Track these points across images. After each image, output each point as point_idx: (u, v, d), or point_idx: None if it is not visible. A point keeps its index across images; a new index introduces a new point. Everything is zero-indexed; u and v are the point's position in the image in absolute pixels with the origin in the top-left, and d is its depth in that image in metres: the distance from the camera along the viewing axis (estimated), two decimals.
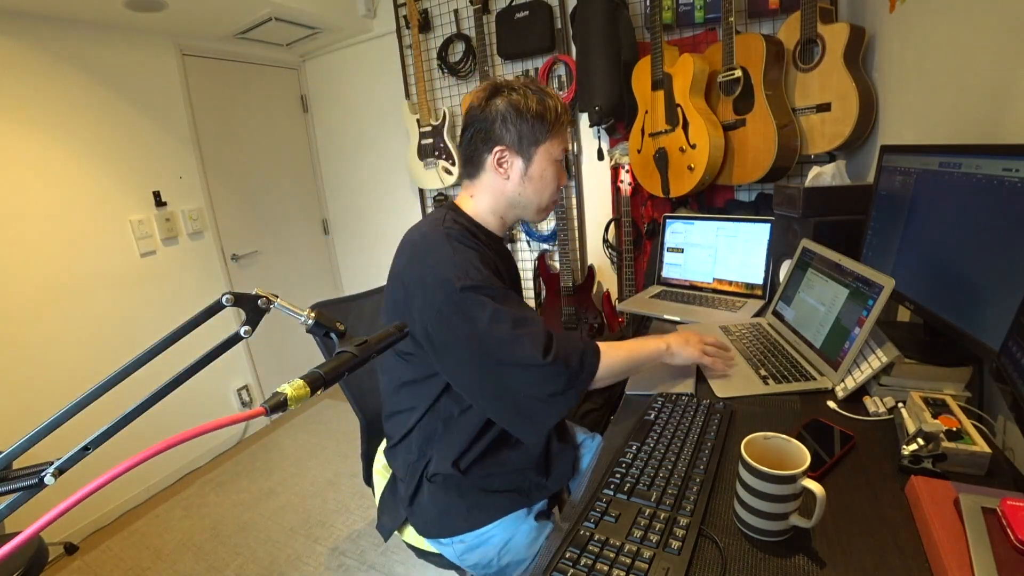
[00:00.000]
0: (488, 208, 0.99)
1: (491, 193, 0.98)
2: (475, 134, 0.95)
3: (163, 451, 0.37)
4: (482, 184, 0.98)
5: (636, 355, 0.95)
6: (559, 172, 0.99)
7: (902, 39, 1.28)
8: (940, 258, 0.87)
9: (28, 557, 1.30)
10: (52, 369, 1.89)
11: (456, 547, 0.97)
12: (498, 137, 0.93)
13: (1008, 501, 0.55)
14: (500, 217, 1.01)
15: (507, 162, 0.94)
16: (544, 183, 0.97)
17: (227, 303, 0.51)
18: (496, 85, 0.94)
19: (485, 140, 0.94)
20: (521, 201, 0.98)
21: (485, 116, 0.93)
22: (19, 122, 1.80)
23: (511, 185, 0.96)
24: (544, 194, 0.98)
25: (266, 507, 2.06)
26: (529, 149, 0.94)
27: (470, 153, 0.97)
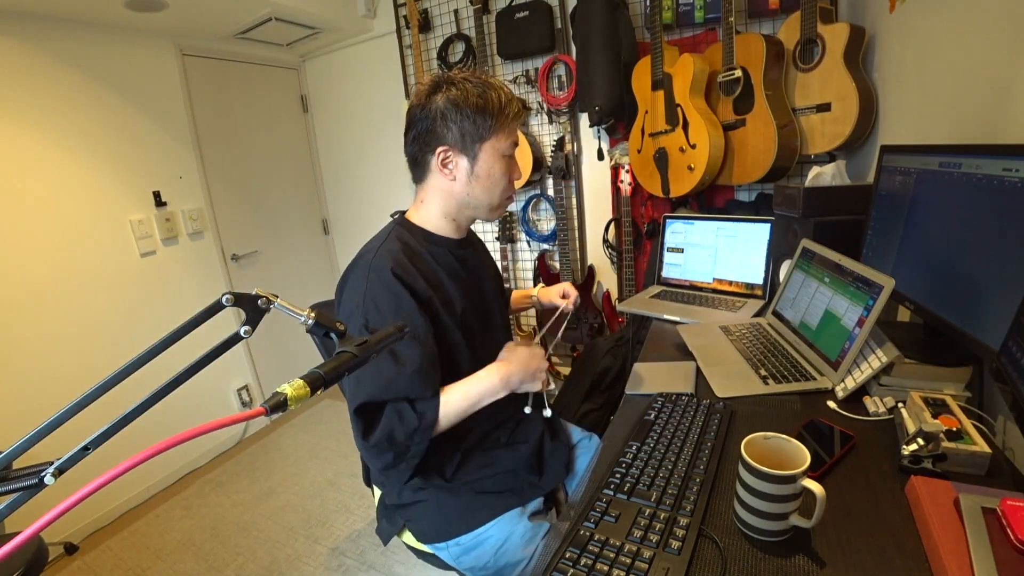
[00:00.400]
0: (440, 212, 0.97)
1: (440, 196, 0.95)
2: (417, 135, 0.91)
3: (163, 451, 0.37)
4: (430, 187, 0.95)
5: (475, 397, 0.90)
6: (509, 167, 0.94)
7: (902, 39, 1.28)
8: (940, 258, 0.87)
9: (28, 557, 1.30)
10: (52, 369, 1.89)
11: (452, 550, 0.97)
12: (440, 136, 0.89)
13: (1008, 501, 0.55)
14: (453, 219, 0.98)
15: (451, 162, 0.91)
16: (492, 181, 0.93)
17: (227, 303, 0.51)
18: (436, 80, 0.90)
19: (427, 141, 0.90)
20: (471, 202, 0.95)
21: (425, 115, 0.89)
22: (19, 122, 1.80)
23: (458, 186, 0.92)
24: (494, 192, 0.94)
25: (266, 507, 2.06)
26: (473, 147, 0.89)
27: (414, 155, 0.94)
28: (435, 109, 0.88)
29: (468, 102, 0.87)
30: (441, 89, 0.88)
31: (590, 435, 1.19)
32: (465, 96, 0.87)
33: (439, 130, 0.88)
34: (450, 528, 0.96)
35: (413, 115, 0.91)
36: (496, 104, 0.88)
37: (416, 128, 0.91)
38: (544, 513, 1.02)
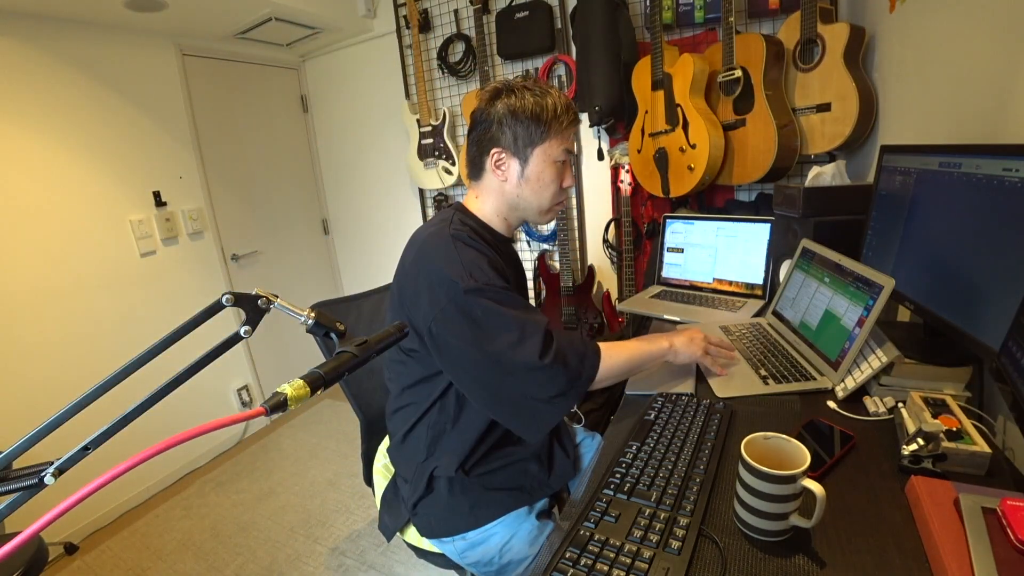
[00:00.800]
0: (492, 210, 1.00)
1: (493, 195, 0.99)
2: (477, 137, 0.96)
3: (163, 451, 0.37)
4: (484, 186, 0.99)
5: (638, 356, 0.95)
6: (560, 173, 0.97)
7: (902, 39, 1.28)
8: (940, 258, 0.87)
9: (28, 557, 1.30)
10: (52, 369, 1.89)
11: (457, 544, 0.97)
12: (495, 139, 0.94)
13: (1008, 501, 0.55)
14: (504, 219, 1.01)
15: (504, 164, 0.95)
16: (542, 184, 0.96)
17: (227, 303, 0.51)
18: (498, 87, 0.95)
19: (485, 142, 0.95)
20: (520, 203, 0.98)
21: (486, 118, 0.94)
22: (19, 122, 1.80)
23: (509, 187, 0.97)
24: (544, 196, 0.98)
25: (266, 507, 2.06)
26: (525, 150, 0.94)
27: (473, 155, 0.99)
28: (494, 114, 0.93)
29: (524, 108, 0.91)
30: (501, 96, 0.93)
31: (592, 434, 1.19)
32: (522, 103, 0.91)
33: (496, 133, 0.94)
34: (457, 523, 0.96)
35: (475, 118, 0.97)
36: (551, 111, 0.92)
37: (477, 130, 0.96)
38: (550, 512, 1.03)
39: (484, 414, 0.95)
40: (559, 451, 1.07)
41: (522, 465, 1.01)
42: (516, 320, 0.85)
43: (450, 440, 0.97)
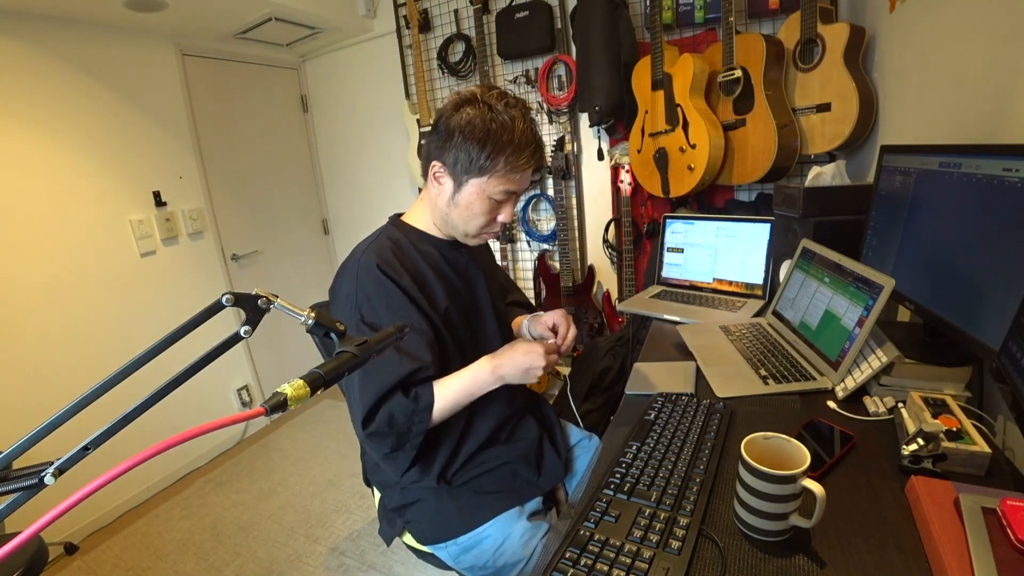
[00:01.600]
0: (430, 217, 1.00)
1: (428, 200, 0.98)
2: (429, 141, 0.93)
3: (163, 451, 0.37)
4: (426, 192, 0.99)
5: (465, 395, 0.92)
6: (494, 208, 0.92)
7: (902, 39, 1.28)
8: (940, 258, 0.87)
9: (28, 557, 1.30)
10: (52, 369, 1.89)
11: (451, 549, 0.97)
12: (438, 152, 0.90)
13: (1008, 501, 0.55)
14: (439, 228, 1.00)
15: (441, 179, 0.93)
16: (471, 214, 0.92)
17: (227, 303, 0.51)
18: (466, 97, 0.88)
19: (431, 150, 0.92)
20: (449, 220, 0.96)
21: (442, 126, 0.89)
22: (19, 122, 1.80)
23: (440, 203, 0.95)
24: (471, 224, 0.93)
25: (266, 507, 2.06)
26: (460, 176, 0.89)
27: (422, 159, 0.98)
28: (446, 125, 0.88)
29: (474, 134, 0.85)
30: (461, 109, 0.87)
31: (590, 435, 1.19)
32: (474, 129, 0.85)
33: (444, 146, 0.89)
34: (449, 528, 0.96)
35: (436, 121, 0.92)
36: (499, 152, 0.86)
37: (432, 134, 0.92)
38: (544, 513, 1.02)
39: (458, 423, 0.97)
40: (550, 451, 1.07)
41: (510, 467, 1.01)
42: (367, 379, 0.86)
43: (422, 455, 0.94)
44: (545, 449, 1.06)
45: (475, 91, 0.88)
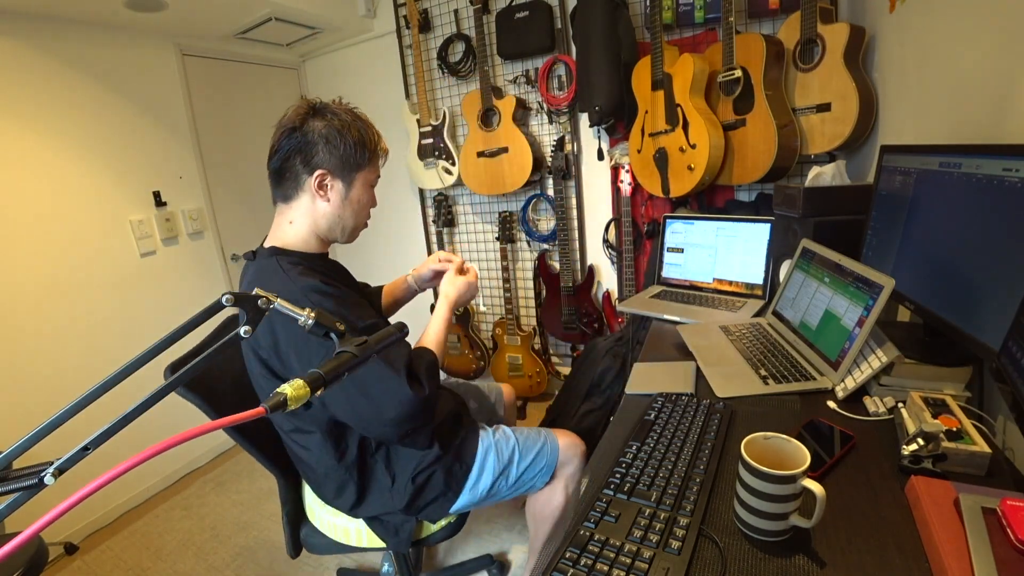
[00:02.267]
0: (310, 232, 1.01)
1: (310, 215, 0.99)
2: (293, 154, 0.94)
3: (163, 451, 0.37)
4: (299, 206, 0.99)
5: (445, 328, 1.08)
6: (372, 197, 1.06)
7: (902, 39, 1.28)
8: (940, 258, 0.87)
9: (28, 557, 1.30)
10: (52, 369, 1.89)
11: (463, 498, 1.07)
12: (321, 160, 0.94)
13: (1008, 501, 0.55)
14: (319, 238, 1.03)
15: (328, 185, 0.97)
16: (361, 206, 1.03)
17: (227, 303, 0.51)
18: (314, 105, 0.95)
19: (306, 161, 0.94)
20: (340, 223, 1.01)
21: (304, 135, 0.93)
22: (19, 122, 1.80)
23: (331, 208, 0.99)
24: (361, 216, 1.04)
25: (266, 507, 2.06)
26: (350, 174, 0.97)
27: (284, 174, 0.96)
28: (317, 133, 0.93)
29: (350, 133, 0.94)
30: (323, 116, 0.94)
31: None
32: (347, 127, 0.94)
33: (320, 153, 0.93)
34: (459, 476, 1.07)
35: (286, 135, 0.94)
36: (372, 141, 0.98)
37: (291, 146, 0.94)
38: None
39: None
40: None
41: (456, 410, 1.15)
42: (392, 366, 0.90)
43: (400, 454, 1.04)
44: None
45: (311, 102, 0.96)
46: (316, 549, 1.16)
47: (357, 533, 1.10)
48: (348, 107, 0.98)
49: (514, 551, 1.68)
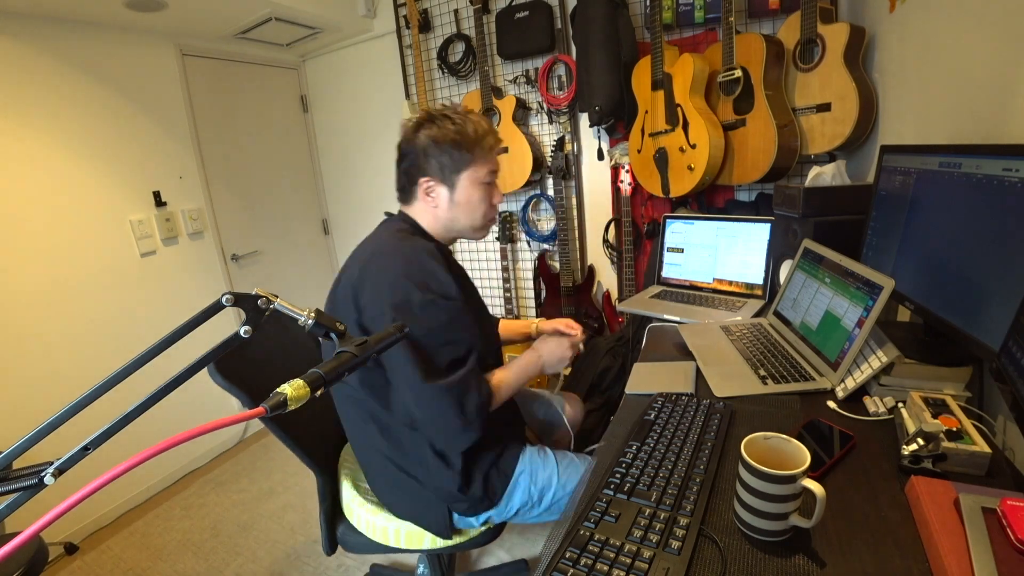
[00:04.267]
0: (427, 226, 1.07)
1: (427, 216, 1.06)
2: (406, 168, 1.03)
3: (163, 451, 0.37)
4: (417, 209, 1.06)
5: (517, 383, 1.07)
6: (488, 193, 1.05)
7: (902, 39, 1.28)
8: (940, 258, 0.87)
9: (28, 557, 1.30)
10: (52, 369, 1.89)
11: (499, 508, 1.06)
12: (423, 169, 1.01)
13: (1008, 501, 0.55)
14: (438, 236, 1.08)
15: (433, 191, 1.02)
16: (472, 206, 1.04)
17: (227, 303, 0.51)
18: (421, 118, 1.01)
19: (413, 173, 1.02)
20: (454, 225, 1.06)
21: (411, 149, 1.01)
22: (19, 122, 1.80)
23: (441, 212, 1.04)
24: (475, 215, 1.05)
25: (266, 507, 2.06)
26: (452, 177, 1.01)
27: (403, 184, 1.06)
28: (419, 145, 1.00)
29: (445, 138, 0.98)
30: (424, 127, 0.99)
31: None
32: (443, 132, 0.98)
33: (422, 163, 1.00)
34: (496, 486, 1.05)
35: (402, 150, 1.03)
36: (471, 138, 0.99)
37: (404, 162, 1.03)
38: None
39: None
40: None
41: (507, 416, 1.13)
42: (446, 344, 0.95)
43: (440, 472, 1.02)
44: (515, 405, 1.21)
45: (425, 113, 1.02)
46: (353, 548, 1.16)
47: (396, 533, 1.08)
48: (455, 110, 1.01)
49: None
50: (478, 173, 1.02)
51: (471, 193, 1.02)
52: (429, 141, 0.98)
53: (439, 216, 1.05)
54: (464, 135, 0.98)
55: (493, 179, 1.05)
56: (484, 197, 1.04)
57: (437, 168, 1.00)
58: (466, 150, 0.99)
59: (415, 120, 1.01)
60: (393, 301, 0.91)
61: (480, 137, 1.00)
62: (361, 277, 0.95)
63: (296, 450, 1.07)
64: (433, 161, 0.99)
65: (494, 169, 1.05)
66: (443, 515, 1.04)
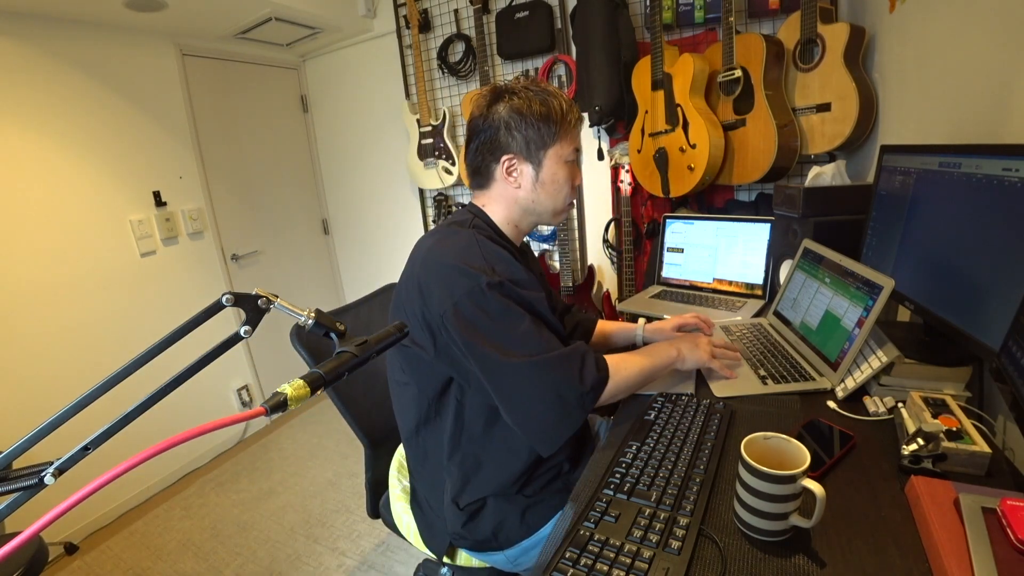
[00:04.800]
0: (503, 218, 0.96)
1: (504, 202, 0.95)
2: (481, 144, 0.92)
3: (163, 451, 0.37)
4: (493, 194, 0.95)
5: (648, 368, 0.94)
6: (572, 172, 0.95)
7: (902, 39, 1.28)
8: (940, 258, 0.87)
9: (28, 557, 1.30)
10: (52, 369, 1.89)
11: (509, 553, 0.95)
12: (504, 145, 0.90)
13: (1008, 501, 0.55)
14: (515, 226, 0.98)
15: (516, 170, 0.91)
16: (557, 186, 0.93)
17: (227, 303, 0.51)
18: (497, 90, 0.91)
19: (492, 150, 0.91)
20: (536, 208, 0.95)
21: (489, 124, 0.90)
22: (19, 122, 1.80)
23: (523, 193, 0.93)
24: (559, 197, 0.95)
25: (266, 507, 2.06)
26: (538, 154, 0.90)
27: (478, 164, 0.94)
28: (499, 119, 0.89)
29: (532, 111, 0.87)
30: (503, 98, 0.89)
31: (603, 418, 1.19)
32: (529, 105, 0.87)
33: (503, 139, 0.89)
34: (510, 535, 0.93)
35: (476, 125, 0.92)
36: (559, 111, 0.89)
37: (479, 138, 0.92)
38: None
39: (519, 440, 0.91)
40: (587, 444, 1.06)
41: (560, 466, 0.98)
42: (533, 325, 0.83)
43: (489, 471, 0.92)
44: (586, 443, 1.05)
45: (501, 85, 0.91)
46: (385, 521, 1.20)
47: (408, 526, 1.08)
48: (534, 83, 0.91)
49: None
50: (564, 150, 0.91)
51: (557, 172, 0.91)
52: (513, 113, 0.87)
53: (520, 199, 0.93)
54: (551, 108, 0.88)
55: (577, 157, 0.95)
56: (568, 177, 0.93)
57: (522, 144, 0.89)
58: (554, 122, 0.88)
59: (489, 92, 0.91)
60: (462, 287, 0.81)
61: (566, 111, 0.89)
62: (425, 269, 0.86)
63: (347, 417, 1.14)
64: (518, 136, 0.88)
65: (578, 147, 0.94)
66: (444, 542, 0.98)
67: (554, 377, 0.81)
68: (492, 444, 0.92)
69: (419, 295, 0.85)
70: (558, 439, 0.84)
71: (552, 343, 0.83)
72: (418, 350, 0.89)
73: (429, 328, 0.85)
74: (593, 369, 0.85)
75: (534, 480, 0.95)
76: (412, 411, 0.95)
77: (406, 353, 0.92)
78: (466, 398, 0.91)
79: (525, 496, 0.94)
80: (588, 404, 0.84)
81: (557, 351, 0.82)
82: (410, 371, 0.93)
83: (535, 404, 0.82)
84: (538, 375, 0.81)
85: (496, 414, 0.90)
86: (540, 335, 0.83)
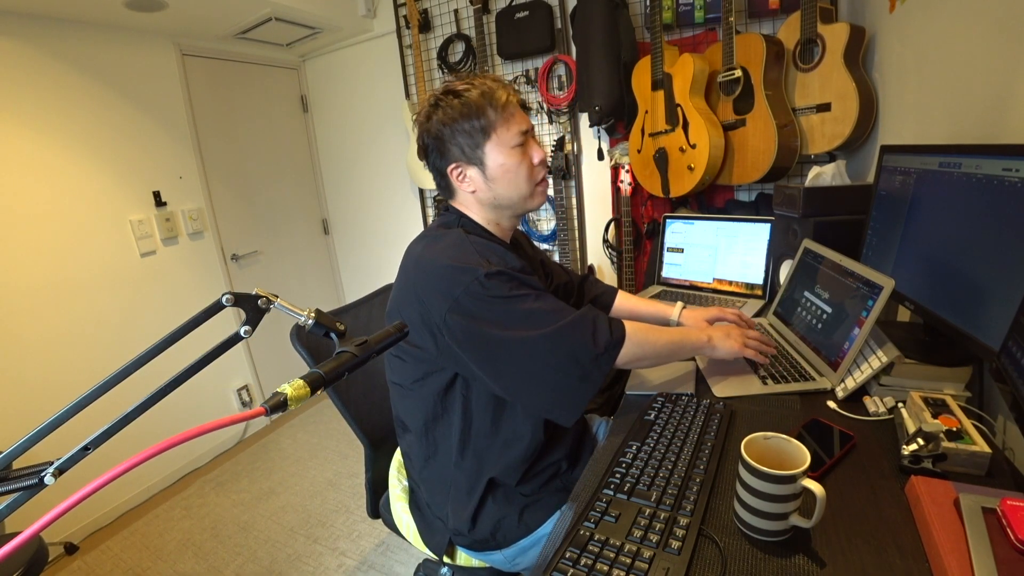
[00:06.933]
0: (481, 219, 0.97)
1: (474, 206, 0.96)
2: (429, 162, 0.94)
3: (163, 451, 0.37)
4: (461, 200, 0.97)
5: (677, 341, 0.93)
6: (523, 154, 0.92)
7: (902, 39, 1.28)
8: (940, 258, 0.87)
9: (28, 557, 1.30)
10: (52, 369, 1.89)
11: (507, 553, 0.95)
12: (447, 156, 0.91)
13: (1008, 501, 0.55)
14: (496, 224, 0.98)
15: (465, 176, 0.92)
16: (510, 175, 0.91)
17: (227, 303, 0.51)
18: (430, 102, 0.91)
19: (438, 164, 0.93)
20: (501, 202, 0.94)
21: (429, 141, 0.92)
22: (19, 122, 1.80)
23: (481, 193, 0.93)
24: (518, 183, 0.92)
25: (266, 507, 2.06)
26: (477, 153, 0.90)
27: (436, 179, 0.96)
28: (433, 133, 0.90)
29: (453, 115, 0.88)
30: (434, 112, 0.90)
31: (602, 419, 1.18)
32: (448, 111, 0.88)
33: (444, 151, 0.91)
34: (508, 534, 0.93)
35: (421, 144, 0.94)
36: (479, 103, 0.87)
37: (427, 156, 0.94)
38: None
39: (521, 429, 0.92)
40: (587, 442, 1.06)
41: (558, 464, 0.99)
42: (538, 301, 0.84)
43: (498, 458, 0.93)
44: (583, 440, 1.06)
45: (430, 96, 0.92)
46: (385, 521, 1.19)
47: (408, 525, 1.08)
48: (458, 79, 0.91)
49: None
50: (504, 137, 0.89)
51: (504, 161, 0.90)
52: (440, 126, 0.89)
53: (482, 199, 0.94)
54: (470, 103, 0.87)
55: (524, 139, 0.92)
56: (520, 161, 0.91)
57: (459, 151, 0.90)
58: (478, 117, 0.87)
59: (424, 110, 0.92)
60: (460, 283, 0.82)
61: (489, 97, 0.87)
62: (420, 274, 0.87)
63: (347, 417, 1.13)
64: (452, 146, 0.89)
65: (523, 129, 0.91)
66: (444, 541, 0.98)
67: (568, 344, 0.82)
68: (499, 435, 0.93)
69: (417, 301, 0.86)
70: (580, 404, 0.84)
71: (561, 311, 0.84)
72: (419, 351, 0.90)
73: (430, 329, 0.86)
74: (606, 331, 0.85)
75: (534, 477, 0.95)
76: (419, 410, 0.96)
77: (408, 353, 0.93)
78: (471, 392, 0.92)
79: (523, 495, 0.95)
80: (605, 366, 0.84)
81: (567, 319, 0.83)
82: (414, 370, 0.94)
83: (552, 374, 0.82)
84: (553, 345, 0.81)
85: (502, 404, 0.91)
86: (547, 307, 0.84)
